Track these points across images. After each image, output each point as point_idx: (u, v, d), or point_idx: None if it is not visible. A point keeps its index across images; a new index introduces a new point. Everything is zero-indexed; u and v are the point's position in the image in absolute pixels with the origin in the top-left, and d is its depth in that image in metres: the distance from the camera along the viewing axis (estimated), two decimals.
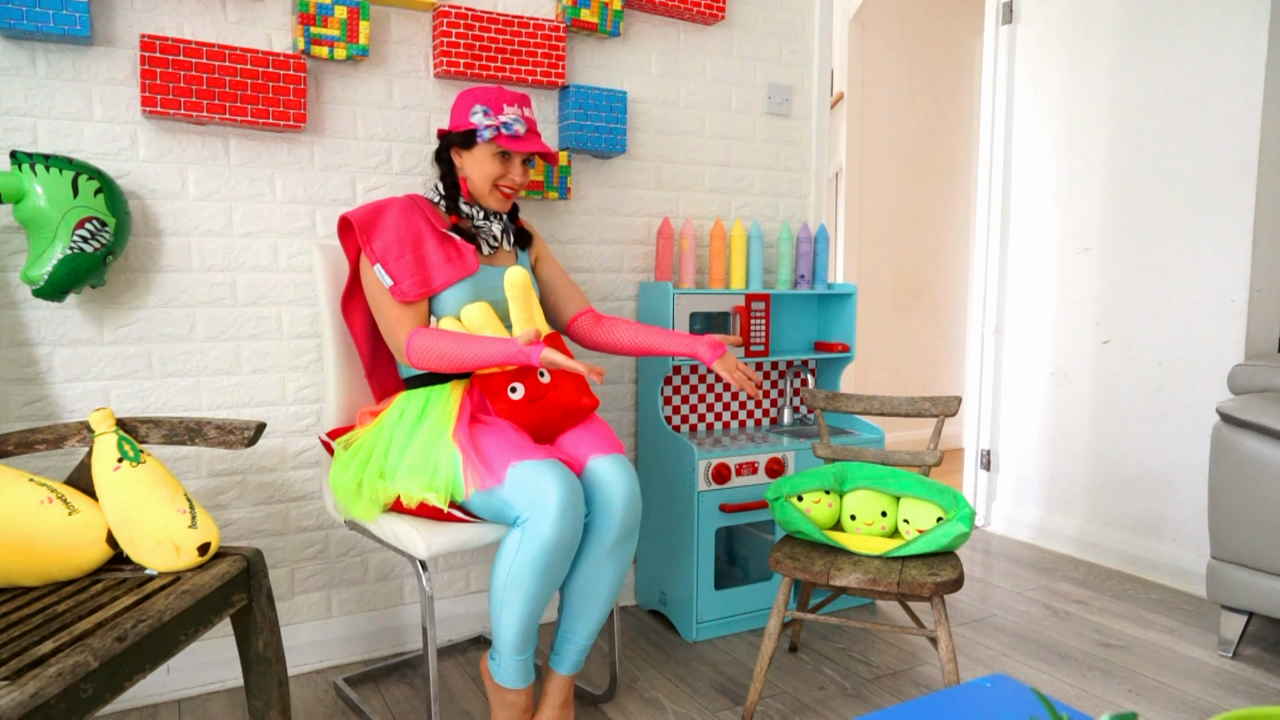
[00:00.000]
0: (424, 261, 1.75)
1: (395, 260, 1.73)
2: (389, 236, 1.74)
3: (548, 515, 1.55)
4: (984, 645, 2.31)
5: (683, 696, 2.02)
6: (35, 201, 1.66)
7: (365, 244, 1.74)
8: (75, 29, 1.73)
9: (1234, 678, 2.13)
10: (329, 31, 1.97)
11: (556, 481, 1.56)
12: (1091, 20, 2.93)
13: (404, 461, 1.66)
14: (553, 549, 1.56)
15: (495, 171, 1.82)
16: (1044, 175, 3.12)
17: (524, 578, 1.57)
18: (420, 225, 1.78)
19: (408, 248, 1.74)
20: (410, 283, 1.73)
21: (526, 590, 1.58)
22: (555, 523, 1.55)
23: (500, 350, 1.64)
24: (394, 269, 1.72)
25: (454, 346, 1.67)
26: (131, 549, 1.47)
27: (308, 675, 2.12)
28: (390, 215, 1.76)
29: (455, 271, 1.76)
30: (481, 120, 1.78)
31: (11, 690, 1.02)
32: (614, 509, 1.68)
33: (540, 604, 1.62)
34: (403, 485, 1.64)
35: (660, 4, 2.39)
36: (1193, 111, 2.65)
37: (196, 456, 2.00)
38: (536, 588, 1.59)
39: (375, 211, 1.77)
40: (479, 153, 1.81)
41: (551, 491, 1.55)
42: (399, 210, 1.78)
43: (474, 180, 1.83)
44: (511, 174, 1.84)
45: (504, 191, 1.84)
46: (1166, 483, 2.76)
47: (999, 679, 1.11)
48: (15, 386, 1.83)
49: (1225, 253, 2.58)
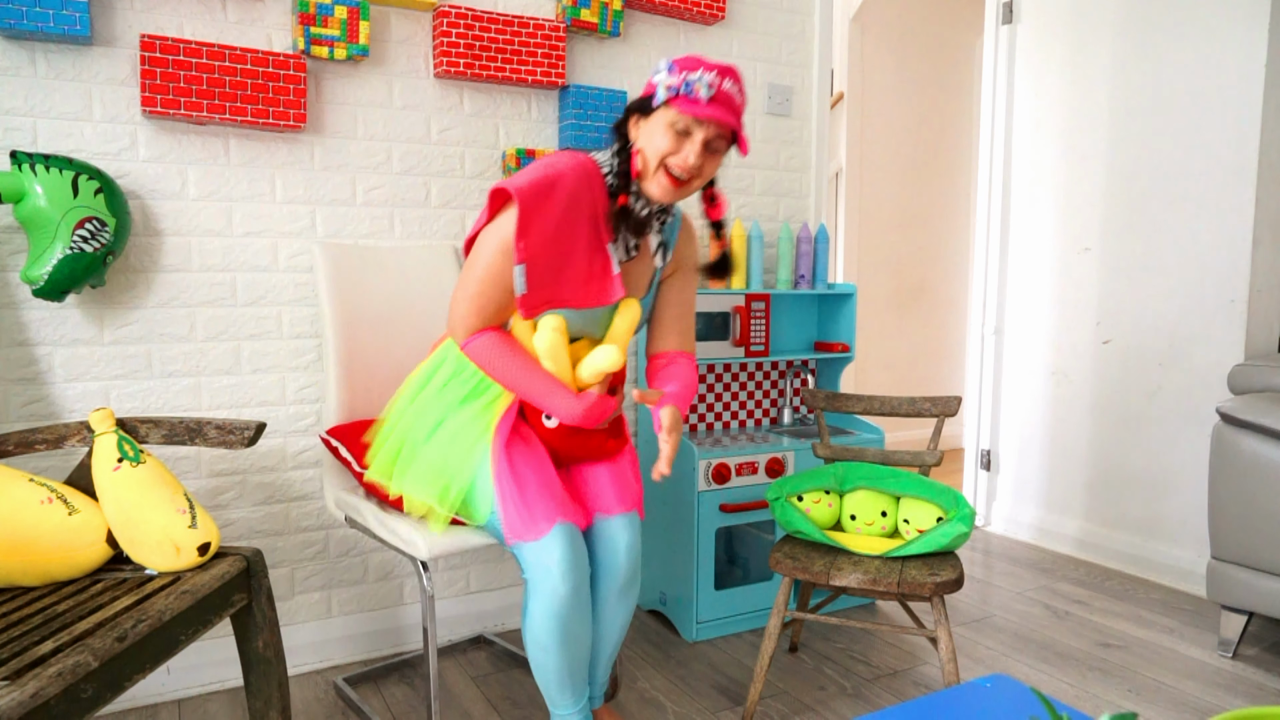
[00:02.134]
0: (564, 275, 1.50)
1: (541, 268, 1.48)
2: (546, 236, 1.47)
3: (551, 579, 1.50)
4: (984, 645, 2.31)
5: (683, 696, 2.02)
6: (35, 201, 1.66)
7: (522, 236, 1.45)
8: (75, 29, 1.73)
9: (1234, 678, 2.13)
10: (329, 31, 1.97)
11: (560, 545, 1.50)
12: (1091, 20, 2.93)
13: (422, 458, 1.57)
14: (563, 604, 1.51)
15: (665, 146, 1.47)
16: (1044, 175, 3.12)
17: (548, 634, 1.53)
18: (581, 226, 1.51)
19: (559, 253, 1.49)
20: (540, 297, 1.50)
21: (552, 646, 1.54)
22: (561, 581, 1.49)
23: (562, 405, 1.50)
24: (534, 276, 1.47)
25: (513, 373, 1.50)
26: (131, 549, 1.47)
27: (308, 675, 2.12)
28: (556, 205, 1.47)
29: (587, 296, 1.53)
30: (663, 78, 1.46)
31: (11, 690, 1.02)
32: (618, 561, 1.63)
33: (573, 651, 1.56)
34: (409, 489, 1.58)
35: (660, 4, 2.39)
36: (1193, 111, 2.65)
37: (196, 456, 2.00)
38: (563, 639, 1.54)
39: (544, 191, 1.46)
40: (655, 121, 1.48)
41: (555, 554, 1.49)
42: (568, 198, 1.48)
43: (646, 154, 1.50)
44: (685, 153, 1.47)
45: (671, 176, 1.49)
46: (1166, 483, 2.76)
47: (999, 679, 1.11)
48: (15, 386, 1.83)
49: (1225, 253, 2.58)
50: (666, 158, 1.47)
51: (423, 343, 2.09)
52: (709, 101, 1.44)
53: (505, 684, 2.08)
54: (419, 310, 2.10)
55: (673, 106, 1.45)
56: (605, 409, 1.52)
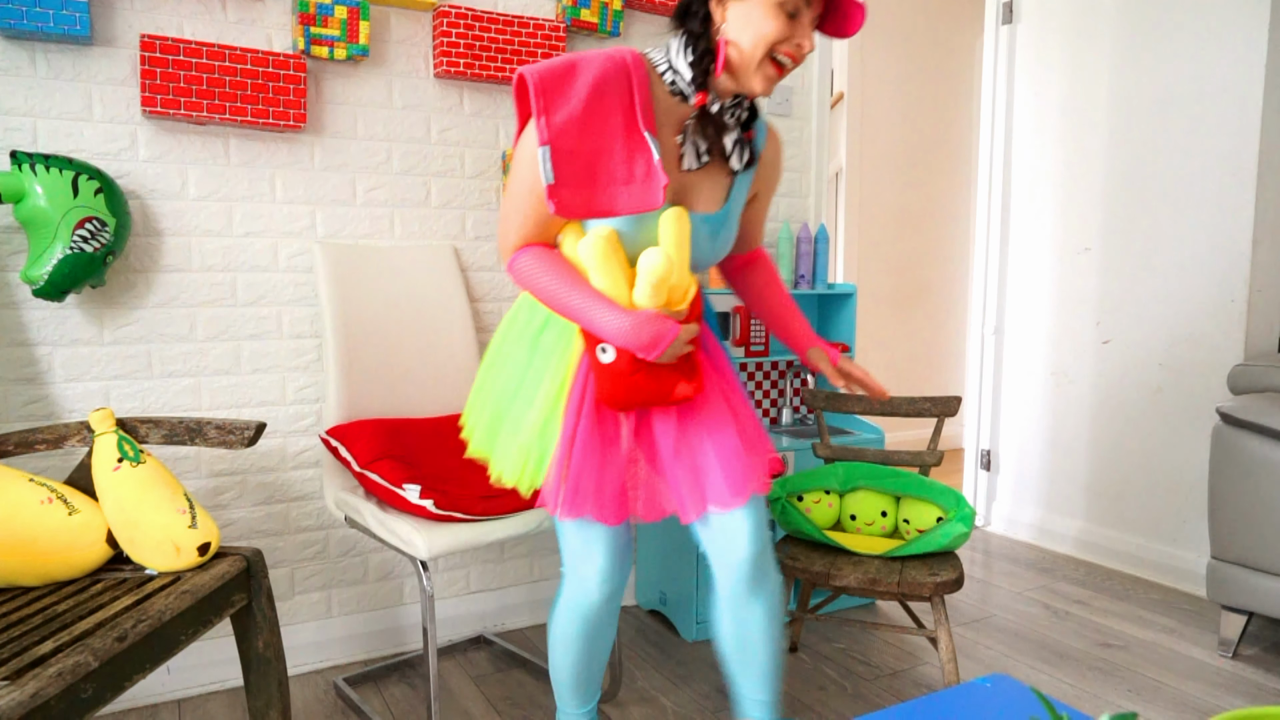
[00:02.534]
0: (599, 171, 1.28)
1: (569, 155, 1.25)
2: (575, 114, 1.25)
3: (585, 584, 1.45)
4: (984, 645, 2.31)
5: (683, 696, 2.02)
6: (35, 201, 1.66)
7: (542, 113, 1.25)
8: (75, 29, 1.73)
9: (1234, 678, 2.13)
10: (329, 31, 1.97)
11: (603, 549, 1.43)
12: (1091, 20, 2.93)
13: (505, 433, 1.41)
14: (593, 610, 1.47)
15: (774, 33, 1.25)
16: (1044, 175, 3.12)
17: (571, 634, 1.51)
18: (614, 116, 1.28)
19: (589, 144, 1.27)
20: (573, 193, 1.27)
21: (573, 646, 1.52)
22: (597, 588, 1.45)
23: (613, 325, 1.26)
24: (562, 163, 1.25)
25: (554, 289, 1.29)
26: (131, 549, 1.47)
27: (308, 675, 2.12)
28: (583, 82, 1.26)
29: (629, 202, 1.28)
30: None
31: (11, 690, 1.02)
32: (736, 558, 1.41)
33: (592, 655, 1.53)
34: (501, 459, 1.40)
35: (660, 4, 2.39)
36: (1193, 111, 2.65)
37: (196, 456, 2.00)
38: (584, 642, 1.51)
39: (566, 71, 1.27)
40: (753, 6, 1.25)
41: (594, 561, 1.43)
42: (599, 77, 1.27)
43: (741, 45, 1.27)
44: (796, 38, 1.26)
45: (778, 65, 1.28)
46: (1166, 483, 2.76)
47: (999, 679, 1.11)
48: (15, 386, 1.83)
49: (1225, 253, 2.58)
50: (774, 47, 1.25)
51: (423, 343, 2.09)
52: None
53: (505, 684, 2.08)
54: (419, 310, 2.10)
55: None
56: (662, 330, 1.25)
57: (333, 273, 2.00)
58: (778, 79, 1.29)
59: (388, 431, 1.86)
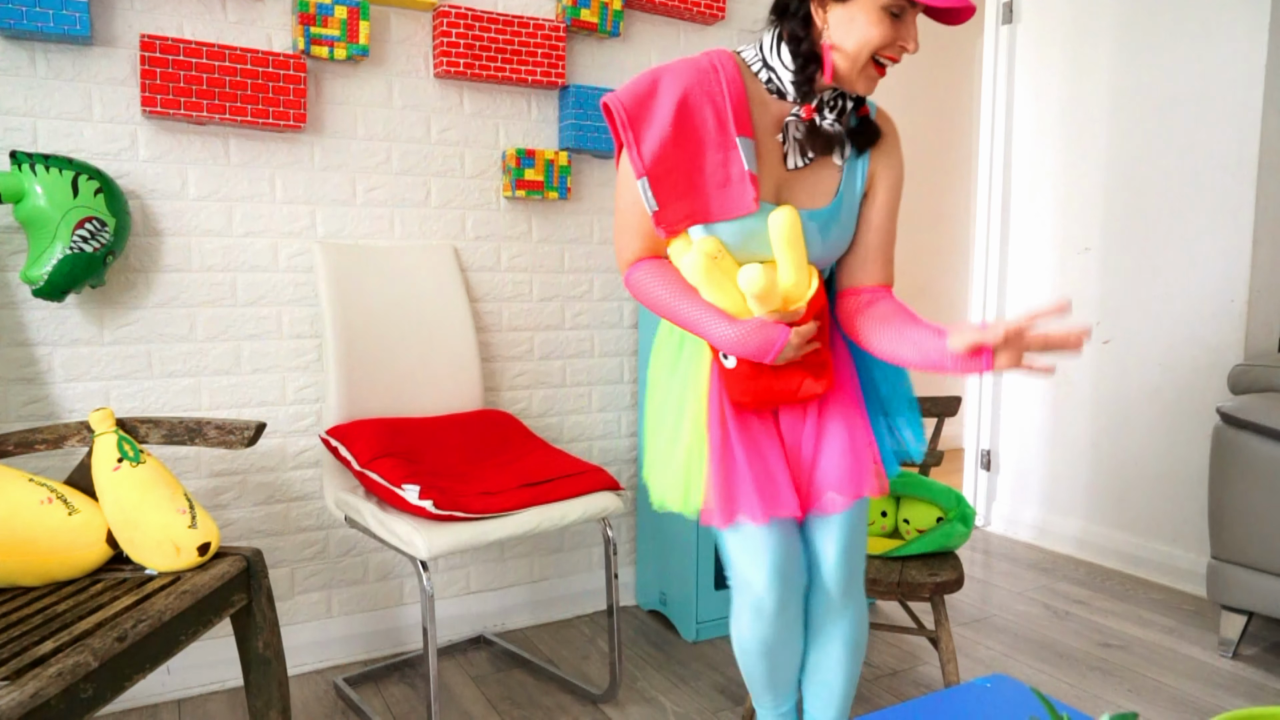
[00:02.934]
0: (698, 180, 1.27)
1: (667, 174, 1.25)
2: (665, 135, 1.25)
3: (754, 591, 1.38)
4: (984, 645, 2.31)
5: (683, 696, 2.02)
6: (35, 201, 1.66)
7: (634, 144, 1.25)
8: (75, 29, 1.73)
9: (1234, 678, 2.13)
10: (329, 31, 1.97)
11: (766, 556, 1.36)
12: (1091, 20, 2.93)
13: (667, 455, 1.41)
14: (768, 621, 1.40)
15: (879, 38, 1.21)
16: (1044, 175, 3.12)
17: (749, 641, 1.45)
18: (707, 117, 1.27)
19: (684, 156, 1.26)
20: (678, 209, 1.27)
21: (753, 652, 1.45)
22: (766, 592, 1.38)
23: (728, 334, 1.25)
24: (662, 188, 1.25)
25: (666, 301, 1.30)
26: (131, 549, 1.47)
27: (308, 675, 2.12)
28: (668, 97, 1.26)
29: (723, 206, 1.27)
30: None
31: (11, 690, 1.02)
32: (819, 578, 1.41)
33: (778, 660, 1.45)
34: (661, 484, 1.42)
35: (660, 4, 2.39)
36: (1193, 111, 2.65)
37: (196, 456, 2.00)
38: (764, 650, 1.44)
39: (649, 91, 1.27)
40: (856, 6, 1.21)
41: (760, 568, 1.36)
42: (684, 89, 1.26)
43: (845, 49, 1.23)
44: (901, 39, 1.22)
45: (880, 67, 1.25)
46: (1166, 483, 2.76)
47: (999, 679, 1.11)
48: (15, 386, 1.83)
49: (1225, 253, 2.58)
50: (881, 50, 1.22)
51: (423, 343, 2.09)
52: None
53: (505, 684, 2.08)
54: (419, 310, 2.10)
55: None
56: (770, 336, 1.24)
57: (333, 273, 2.00)
58: (882, 76, 1.26)
59: (388, 430, 1.86)
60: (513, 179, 2.24)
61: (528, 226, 2.35)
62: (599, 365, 2.48)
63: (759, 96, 1.30)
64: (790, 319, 1.27)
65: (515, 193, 2.25)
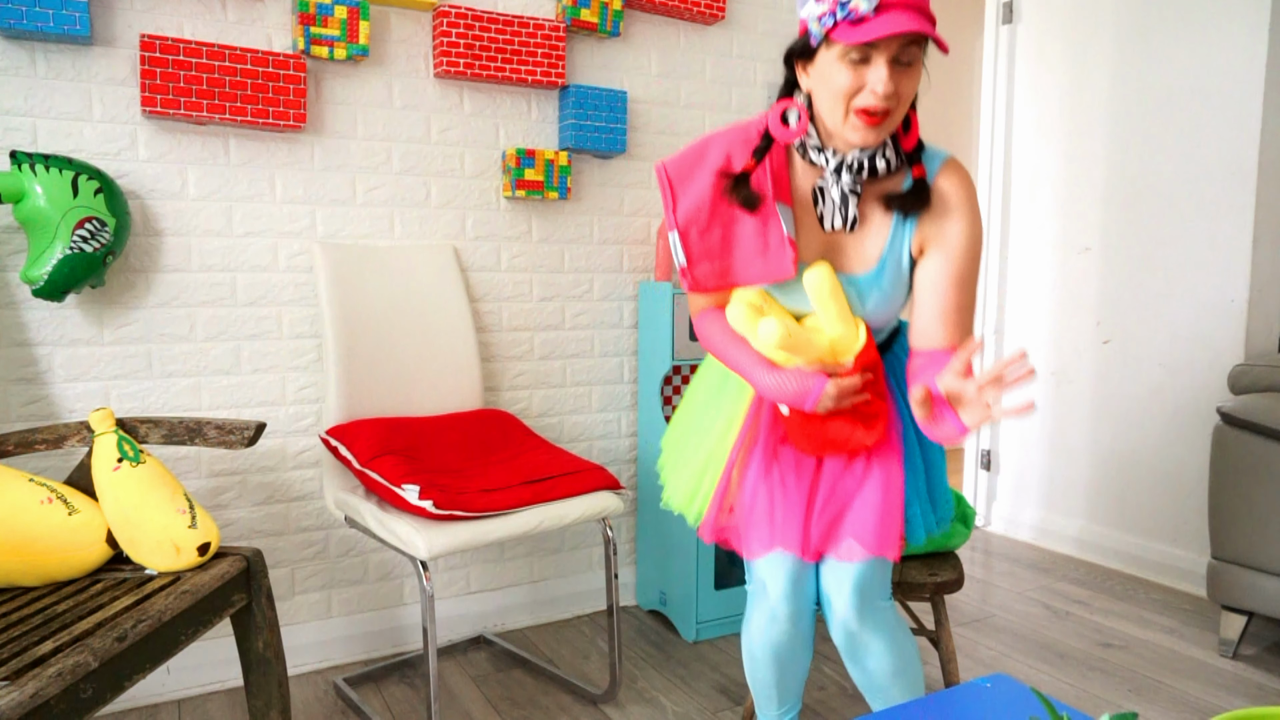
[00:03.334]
0: (731, 244, 1.31)
1: (700, 234, 1.30)
2: (700, 199, 1.30)
3: (767, 601, 1.44)
4: (984, 645, 2.31)
5: (683, 696, 2.02)
6: (35, 201, 1.66)
7: (672, 201, 1.31)
8: (75, 29, 1.73)
9: (1234, 678, 2.13)
10: (329, 31, 1.97)
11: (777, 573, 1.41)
12: (1091, 20, 2.93)
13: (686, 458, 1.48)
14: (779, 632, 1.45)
15: (844, 84, 1.17)
16: (1044, 175, 3.12)
17: (759, 649, 1.49)
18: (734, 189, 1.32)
19: (719, 221, 1.30)
20: (708, 269, 1.31)
21: (762, 660, 1.50)
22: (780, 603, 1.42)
23: (772, 381, 1.29)
24: (694, 245, 1.30)
25: (727, 352, 1.36)
26: (131, 549, 1.47)
27: (308, 675, 2.12)
28: (708, 167, 1.31)
29: (764, 271, 1.30)
30: (811, 10, 1.17)
31: (11, 690, 1.02)
32: (832, 618, 1.43)
33: (785, 670, 1.50)
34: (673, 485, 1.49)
35: (660, 4, 2.39)
36: (1193, 111, 2.65)
37: (196, 456, 2.00)
38: (773, 659, 1.48)
39: (697, 156, 1.33)
40: (821, 61, 1.20)
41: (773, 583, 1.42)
42: (721, 158, 1.31)
43: (822, 110, 1.23)
44: (870, 84, 1.17)
45: (864, 116, 1.19)
46: (1166, 483, 2.76)
47: (999, 679, 1.11)
48: (15, 386, 1.83)
49: (1225, 253, 2.58)
50: (851, 99, 1.18)
51: (423, 343, 2.09)
52: (877, 12, 1.12)
53: (505, 684, 2.08)
54: (419, 310, 2.10)
55: (835, 40, 1.15)
56: (806, 387, 1.27)
57: (333, 273, 2.00)
58: (874, 126, 1.20)
59: (388, 429, 1.86)
60: (513, 179, 2.24)
61: (528, 226, 2.35)
62: (599, 365, 2.48)
63: (799, 163, 1.33)
64: (835, 370, 1.29)
65: (515, 193, 2.25)
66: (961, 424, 1.16)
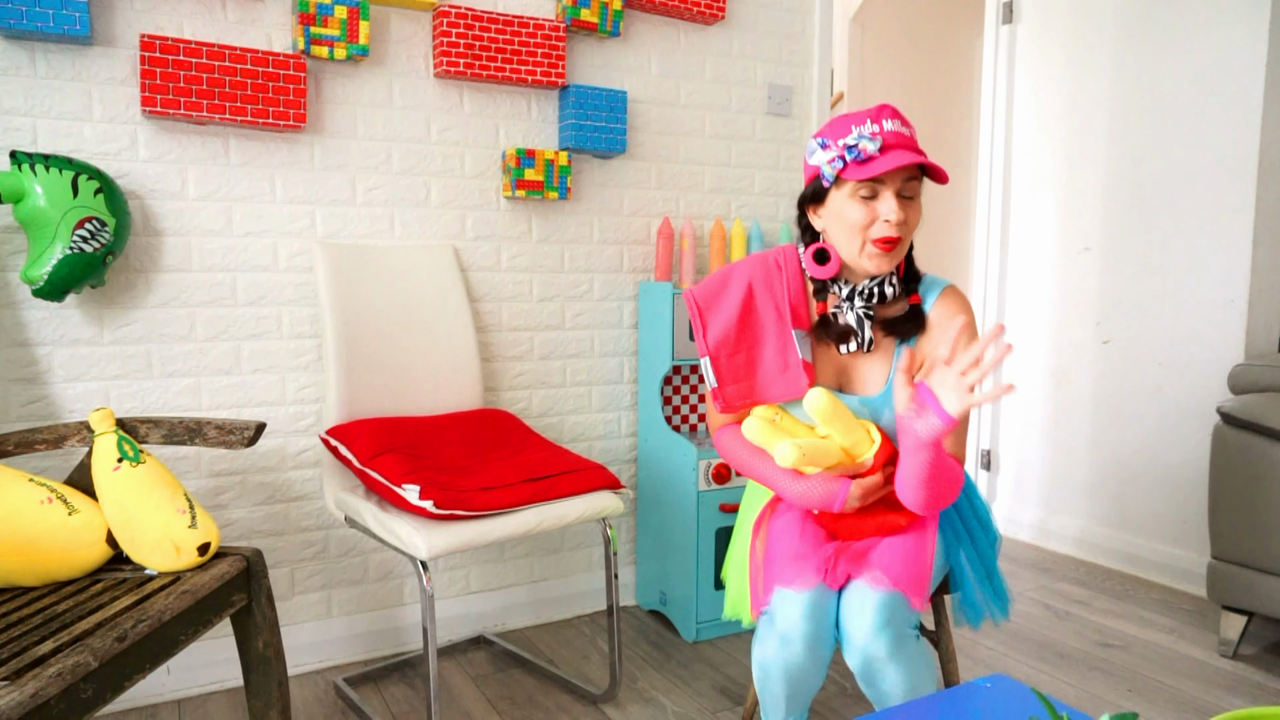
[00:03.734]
0: (755, 366, 1.45)
1: (728, 358, 1.45)
2: (727, 326, 1.45)
3: (784, 622, 1.36)
4: (984, 645, 2.31)
5: (683, 696, 2.02)
6: (35, 201, 1.66)
7: (702, 328, 1.46)
8: (75, 29, 1.73)
9: (1234, 678, 2.13)
10: (329, 31, 1.97)
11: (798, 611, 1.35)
12: (1091, 20, 2.93)
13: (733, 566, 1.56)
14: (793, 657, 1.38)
15: (859, 219, 1.32)
16: (1044, 175, 3.12)
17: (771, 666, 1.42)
18: (768, 309, 1.46)
19: (743, 345, 1.45)
20: (735, 390, 1.45)
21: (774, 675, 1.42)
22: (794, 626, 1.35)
23: (798, 489, 1.37)
24: (723, 368, 1.45)
25: (751, 465, 1.45)
26: (131, 549, 1.47)
27: (308, 675, 2.12)
28: (732, 295, 1.46)
29: (782, 391, 1.43)
30: (821, 157, 1.34)
31: (11, 690, 1.02)
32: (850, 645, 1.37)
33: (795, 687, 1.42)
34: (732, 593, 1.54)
35: (660, 4, 2.39)
36: (1193, 111, 2.65)
37: (196, 456, 2.00)
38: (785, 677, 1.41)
39: (721, 285, 1.48)
40: (835, 203, 1.36)
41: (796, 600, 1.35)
42: (750, 283, 1.47)
43: (838, 245, 1.37)
44: (882, 214, 1.32)
45: (881, 245, 1.33)
46: (1166, 483, 2.76)
47: (999, 679, 1.11)
48: (15, 386, 1.83)
49: (1225, 253, 2.58)
50: (867, 230, 1.33)
51: (423, 343, 2.09)
52: (881, 152, 1.29)
53: (505, 684, 2.08)
54: (419, 310, 2.10)
55: (846, 179, 1.32)
56: (832, 491, 1.34)
57: (333, 273, 2.00)
58: (889, 253, 1.34)
59: (388, 428, 1.86)
60: (513, 179, 2.24)
61: (528, 226, 2.35)
62: (599, 365, 2.49)
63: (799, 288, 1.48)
64: (857, 471, 1.37)
65: (515, 193, 2.25)
66: (945, 413, 1.20)
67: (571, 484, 1.81)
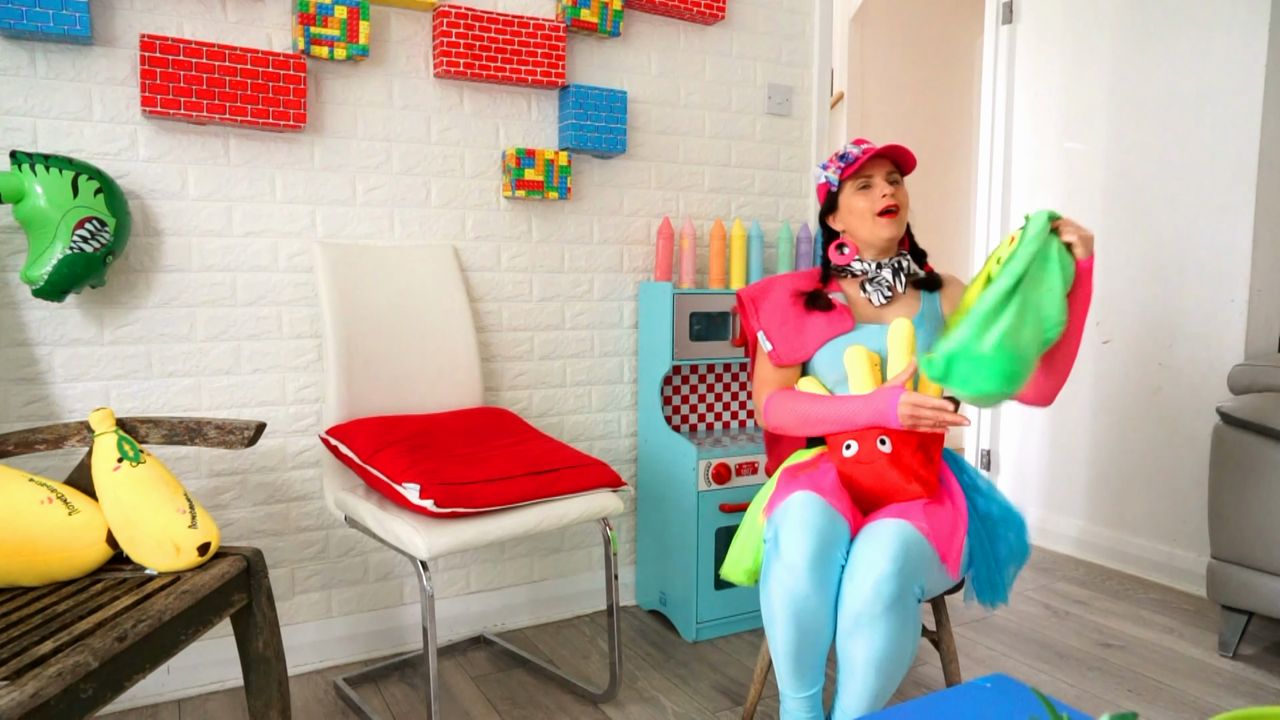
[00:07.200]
0: (804, 329, 1.76)
1: (778, 327, 1.77)
2: (774, 305, 1.79)
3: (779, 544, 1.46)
4: (984, 645, 2.31)
5: (683, 696, 2.02)
6: (35, 201, 1.66)
7: (753, 313, 1.80)
8: (75, 29, 1.73)
9: (1234, 678, 2.13)
10: (329, 31, 1.97)
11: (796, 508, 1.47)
12: (1091, 20, 2.93)
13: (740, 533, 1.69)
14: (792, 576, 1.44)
15: (862, 205, 1.75)
16: (1044, 175, 3.12)
17: (775, 605, 1.47)
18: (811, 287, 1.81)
19: (790, 316, 1.77)
20: (787, 348, 1.75)
21: (778, 619, 1.47)
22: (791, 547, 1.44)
23: (850, 408, 1.60)
24: (775, 335, 1.77)
25: (806, 404, 1.67)
26: (131, 549, 1.47)
27: (308, 675, 2.12)
28: (778, 287, 1.82)
29: (830, 330, 1.73)
30: (826, 174, 1.80)
31: (11, 690, 1.02)
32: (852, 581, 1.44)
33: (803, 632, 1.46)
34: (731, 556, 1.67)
35: (660, 4, 2.39)
36: (1193, 111, 2.65)
37: (196, 456, 2.00)
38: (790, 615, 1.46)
39: (766, 284, 1.84)
40: (844, 203, 1.78)
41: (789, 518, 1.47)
42: (788, 282, 1.83)
43: (857, 230, 1.77)
44: (875, 194, 1.75)
45: (885, 215, 1.74)
46: (1166, 483, 2.76)
47: (999, 679, 1.11)
48: (15, 386, 1.83)
49: (1225, 253, 2.58)
50: (872, 209, 1.74)
51: (423, 343, 2.09)
52: (862, 153, 1.75)
53: (505, 684, 2.08)
54: (419, 310, 2.10)
55: (845, 180, 1.77)
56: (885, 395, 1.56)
57: (333, 273, 2.00)
58: (893, 219, 1.74)
59: (389, 425, 1.86)
60: (513, 179, 2.24)
61: (528, 226, 2.35)
62: (599, 365, 2.49)
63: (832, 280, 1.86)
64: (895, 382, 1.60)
65: (515, 193, 2.25)
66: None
67: (574, 479, 1.80)
